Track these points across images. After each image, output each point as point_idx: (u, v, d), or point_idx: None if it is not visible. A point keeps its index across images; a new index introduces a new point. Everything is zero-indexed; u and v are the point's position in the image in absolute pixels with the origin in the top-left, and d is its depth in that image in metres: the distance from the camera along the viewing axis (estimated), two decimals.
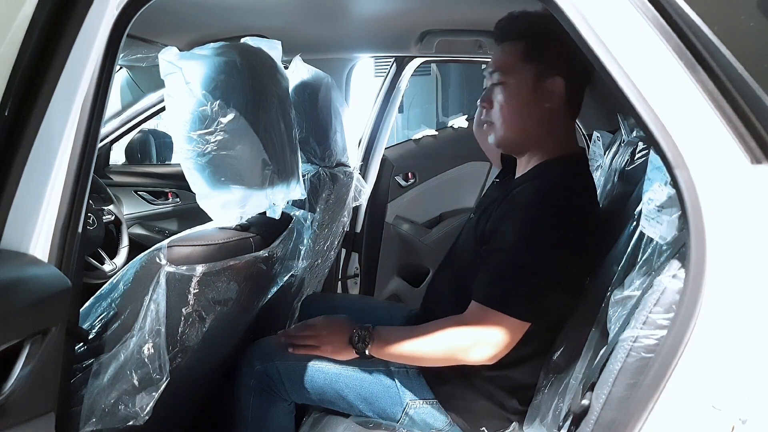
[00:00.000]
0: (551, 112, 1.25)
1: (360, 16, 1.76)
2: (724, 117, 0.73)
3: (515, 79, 1.25)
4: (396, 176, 2.69)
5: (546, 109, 1.24)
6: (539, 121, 1.26)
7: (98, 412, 1.06)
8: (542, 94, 1.23)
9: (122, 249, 2.21)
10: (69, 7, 0.88)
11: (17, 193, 0.88)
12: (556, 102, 1.24)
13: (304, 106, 1.76)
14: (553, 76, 1.23)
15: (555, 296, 1.17)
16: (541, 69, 1.23)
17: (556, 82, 1.23)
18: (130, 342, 1.09)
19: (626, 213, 1.25)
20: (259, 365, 1.40)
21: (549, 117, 1.26)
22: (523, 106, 1.25)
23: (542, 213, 1.17)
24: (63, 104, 0.89)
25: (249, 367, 1.41)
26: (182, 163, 1.18)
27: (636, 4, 0.75)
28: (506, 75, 1.26)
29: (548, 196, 1.19)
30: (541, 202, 1.19)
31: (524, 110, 1.25)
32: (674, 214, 0.82)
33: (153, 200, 2.85)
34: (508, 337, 1.13)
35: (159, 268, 1.10)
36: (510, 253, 1.16)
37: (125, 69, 2.66)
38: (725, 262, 0.73)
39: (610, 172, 1.75)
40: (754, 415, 0.72)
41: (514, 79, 1.25)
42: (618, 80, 0.77)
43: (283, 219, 1.40)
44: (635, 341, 0.81)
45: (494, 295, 1.15)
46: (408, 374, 1.31)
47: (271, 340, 1.43)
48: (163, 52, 1.14)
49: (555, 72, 1.22)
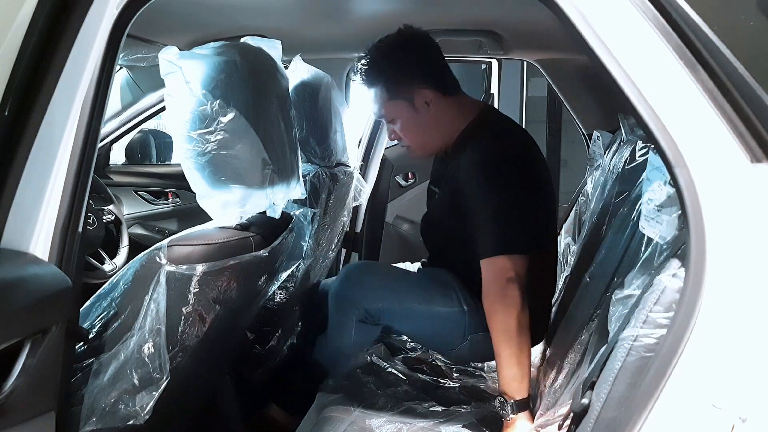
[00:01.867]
0: (437, 113, 1.47)
1: (360, 16, 1.76)
2: (724, 116, 0.73)
3: (395, 114, 1.49)
4: (396, 176, 2.70)
5: (432, 114, 1.47)
6: (434, 124, 1.48)
7: (98, 411, 1.06)
8: (421, 108, 1.46)
9: (122, 249, 2.20)
10: (69, 7, 0.88)
11: (18, 192, 0.88)
12: (434, 104, 1.46)
13: (304, 106, 1.76)
14: (416, 91, 1.44)
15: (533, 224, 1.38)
16: (405, 95, 1.45)
17: (423, 93, 1.45)
18: (130, 341, 1.09)
19: (626, 212, 1.25)
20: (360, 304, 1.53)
21: (438, 116, 1.47)
22: (416, 125, 1.49)
23: (485, 170, 1.38)
24: (63, 104, 0.89)
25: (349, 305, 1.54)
26: (182, 163, 1.18)
27: (636, 3, 0.75)
28: (388, 115, 1.50)
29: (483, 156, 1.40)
30: (480, 164, 1.40)
31: (419, 127, 1.49)
32: (674, 214, 0.82)
33: (153, 200, 2.84)
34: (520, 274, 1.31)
35: (159, 268, 1.10)
36: (483, 212, 1.36)
37: (125, 69, 2.66)
38: (725, 261, 0.73)
39: (609, 172, 1.75)
40: (754, 413, 0.72)
41: (394, 114, 1.49)
42: (618, 80, 0.77)
43: (284, 218, 1.40)
44: (635, 340, 0.81)
45: (492, 246, 1.33)
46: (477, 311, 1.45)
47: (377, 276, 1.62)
48: (163, 52, 1.14)
49: (416, 87, 1.44)
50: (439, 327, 1.54)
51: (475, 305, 1.47)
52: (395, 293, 1.55)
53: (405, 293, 1.55)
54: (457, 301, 1.51)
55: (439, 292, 1.53)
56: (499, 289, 1.31)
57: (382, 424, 1.34)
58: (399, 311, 1.54)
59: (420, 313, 1.53)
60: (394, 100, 1.47)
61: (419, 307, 1.53)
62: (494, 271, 1.33)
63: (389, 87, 1.47)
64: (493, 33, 1.85)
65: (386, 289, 1.56)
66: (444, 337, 1.56)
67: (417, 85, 1.44)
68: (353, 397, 1.44)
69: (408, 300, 1.53)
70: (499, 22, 1.80)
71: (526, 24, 1.77)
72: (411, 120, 1.48)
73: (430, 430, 1.33)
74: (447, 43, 1.91)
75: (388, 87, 1.47)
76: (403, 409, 1.39)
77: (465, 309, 1.50)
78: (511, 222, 1.35)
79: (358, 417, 1.37)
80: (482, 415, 1.38)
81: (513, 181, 1.38)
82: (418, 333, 1.62)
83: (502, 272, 1.31)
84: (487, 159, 1.40)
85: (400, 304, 1.54)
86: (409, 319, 1.56)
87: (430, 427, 1.34)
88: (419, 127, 1.49)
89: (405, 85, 1.45)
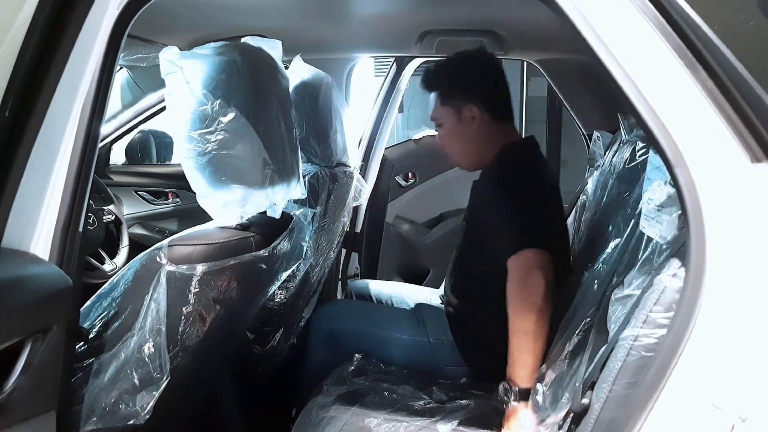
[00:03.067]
0: (479, 130, 1.57)
1: (360, 16, 1.76)
2: (724, 116, 0.73)
3: (443, 119, 1.61)
4: (396, 176, 2.69)
5: (474, 130, 1.57)
6: (473, 140, 1.59)
7: (99, 411, 1.06)
8: (465, 122, 1.57)
9: (122, 249, 2.20)
10: (69, 7, 0.88)
11: (18, 192, 0.88)
12: (478, 122, 1.56)
13: (304, 106, 1.76)
14: (466, 105, 1.55)
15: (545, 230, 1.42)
16: (456, 106, 1.57)
17: (471, 109, 1.55)
18: (130, 341, 1.09)
19: (626, 212, 1.25)
20: (326, 325, 1.75)
21: (478, 134, 1.57)
22: (460, 136, 1.60)
23: (502, 185, 1.48)
24: (63, 104, 0.89)
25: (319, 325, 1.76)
26: (183, 163, 1.18)
27: (636, 3, 0.75)
28: (438, 120, 1.62)
29: (499, 177, 1.52)
30: (499, 181, 1.50)
31: (463, 138, 1.60)
32: (674, 213, 0.82)
33: (153, 200, 2.84)
34: (543, 267, 1.32)
35: (159, 268, 1.10)
36: (502, 217, 1.42)
37: (125, 69, 2.66)
38: (725, 260, 0.73)
39: (609, 172, 1.75)
40: (754, 413, 0.72)
41: (442, 119, 1.61)
42: (618, 79, 0.77)
43: (284, 218, 1.40)
44: (635, 340, 0.81)
45: (509, 247, 1.36)
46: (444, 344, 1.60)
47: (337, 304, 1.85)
48: (163, 52, 1.14)
49: (466, 102, 1.55)
50: (408, 355, 1.66)
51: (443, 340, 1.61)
52: (360, 318, 1.75)
53: (368, 318, 1.74)
54: (425, 332, 1.64)
55: (405, 320, 1.68)
56: (523, 276, 1.33)
57: (380, 422, 1.34)
58: (363, 335, 1.70)
59: (384, 338, 1.67)
60: (445, 106, 1.59)
61: (383, 332, 1.68)
62: (520, 265, 1.34)
63: (444, 93, 1.60)
64: (493, 33, 1.85)
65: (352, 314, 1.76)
66: (419, 366, 1.65)
67: (469, 100, 1.55)
68: (350, 396, 1.44)
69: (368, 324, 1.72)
70: (499, 22, 1.80)
71: (526, 24, 1.77)
72: (453, 129, 1.59)
73: (427, 428, 1.34)
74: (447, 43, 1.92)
75: (444, 92, 1.60)
76: (400, 407, 1.40)
77: (431, 341, 1.62)
78: (530, 220, 1.39)
79: (355, 415, 1.37)
80: (478, 411, 1.38)
81: (526, 189, 1.45)
82: (392, 360, 1.69)
83: (528, 263, 1.33)
84: (501, 170, 1.52)
85: (365, 328, 1.71)
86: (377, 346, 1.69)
87: (427, 425, 1.34)
88: (458, 138, 1.60)
89: (458, 95, 1.57)
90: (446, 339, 1.61)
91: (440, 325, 1.63)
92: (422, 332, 1.64)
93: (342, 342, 1.71)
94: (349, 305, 1.94)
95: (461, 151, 1.64)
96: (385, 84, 2.50)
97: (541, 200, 1.48)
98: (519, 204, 1.41)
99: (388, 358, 1.68)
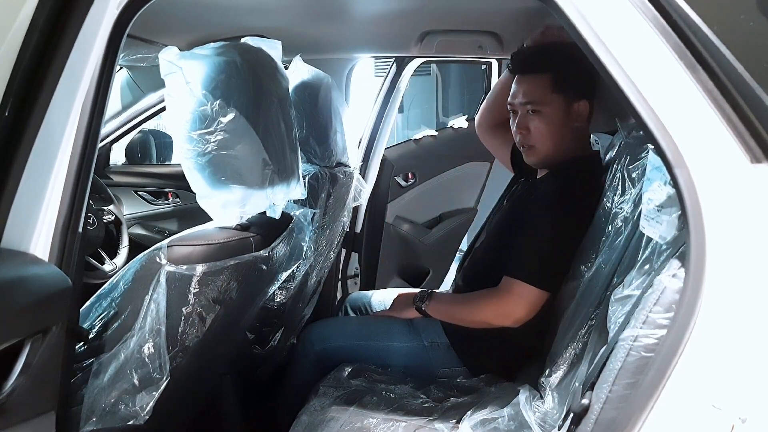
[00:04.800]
0: (580, 129, 1.47)
1: (360, 16, 1.76)
2: (724, 116, 0.73)
3: (548, 107, 1.43)
4: (396, 176, 2.69)
5: (576, 128, 1.46)
6: (572, 138, 1.47)
7: (98, 411, 1.06)
8: (572, 117, 1.44)
9: (122, 249, 2.20)
10: (69, 7, 0.88)
11: (18, 192, 0.88)
12: (583, 120, 1.45)
13: (304, 106, 1.76)
14: (579, 100, 1.42)
15: (561, 269, 1.40)
16: (569, 96, 1.42)
17: (582, 105, 1.43)
18: (130, 341, 1.09)
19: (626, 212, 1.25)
20: (318, 345, 1.66)
21: (575, 133, 1.47)
22: (558, 129, 1.44)
23: (560, 206, 1.40)
24: (63, 104, 0.89)
25: (309, 346, 1.67)
26: (182, 163, 1.18)
27: (636, 4, 0.75)
28: (539, 105, 1.43)
29: (564, 193, 1.42)
30: (559, 198, 1.42)
31: (560, 132, 1.45)
32: (674, 214, 0.82)
33: (153, 200, 2.84)
34: (533, 305, 1.37)
35: (159, 268, 1.10)
36: (535, 238, 1.41)
37: (125, 69, 2.66)
38: (725, 261, 0.73)
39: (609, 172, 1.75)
40: (754, 414, 0.73)
41: (546, 108, 1.43)
42: (618, 80, 0.77)
43: (284, 219, 1.40)
44: (635, 340, 0.81)
45: (523, 271, 1.38)
46: (439, 347, 1.58)
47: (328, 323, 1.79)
48: (163, 52, 1.14)
49: (581, 96, 1.42)
50: (405, 362, 1.62)
51: (438, 343, 1.58)
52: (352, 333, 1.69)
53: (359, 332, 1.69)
54: (419, 336, 1.60)
55: (397, 328, 1.64)
56: (511, 298, 1.38)
57: (378, 422, 1.34)
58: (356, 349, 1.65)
59: (378, 348, 1.64)
60: (556, 93, 1.41)
61: (376, 343, 1.65)
62: (514, 290, 1.38)
63: (562, 79, 1.41)
64: (493, 33, 1.85)
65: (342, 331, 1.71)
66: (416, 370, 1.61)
67: (586, 95, 1.43)
68: (348, 397, 1.44)
69: (360, 338, 1.67)
70: (499, 23, 1.80)
71: (526, 24, 1.77)
72: (554, 119, 1.43)
73: (426, 426, 1.34)
74: (447, 44, 1.92)
75: (561, 79, 1.41)
76: (398, 407, 1.40)
77: (426, 345, 1.58)
78: (548, 258, 1.39)
79: (354, 416, 1.37)
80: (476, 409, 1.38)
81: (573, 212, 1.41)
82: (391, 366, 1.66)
83: (522, 294, 1.37)
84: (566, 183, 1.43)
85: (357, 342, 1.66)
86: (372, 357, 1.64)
87: (425, 423, 1.34)
88: (556, 130, 1.44)
89: (578, 87, 1.42)
90: (441, 341, 1.57)
91: (433, 328, 1.59)
92: (416, 337, 1.60)
93: (336, 359, 1.63)
94: (336, 323, 1.84)
95: (548, 145, 1.46)
96: (385, 84, 2.50)
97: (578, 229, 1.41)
98: (554, 234, 1.40)
99: (385, 367, 1.63)
